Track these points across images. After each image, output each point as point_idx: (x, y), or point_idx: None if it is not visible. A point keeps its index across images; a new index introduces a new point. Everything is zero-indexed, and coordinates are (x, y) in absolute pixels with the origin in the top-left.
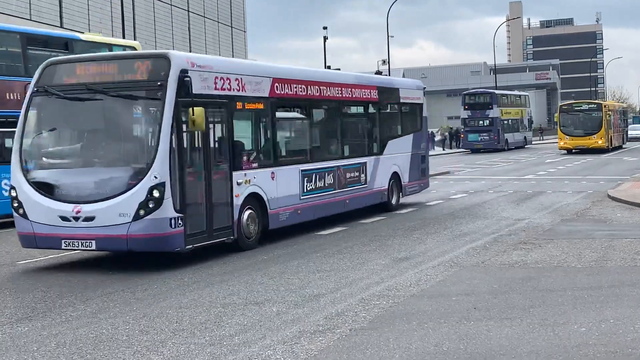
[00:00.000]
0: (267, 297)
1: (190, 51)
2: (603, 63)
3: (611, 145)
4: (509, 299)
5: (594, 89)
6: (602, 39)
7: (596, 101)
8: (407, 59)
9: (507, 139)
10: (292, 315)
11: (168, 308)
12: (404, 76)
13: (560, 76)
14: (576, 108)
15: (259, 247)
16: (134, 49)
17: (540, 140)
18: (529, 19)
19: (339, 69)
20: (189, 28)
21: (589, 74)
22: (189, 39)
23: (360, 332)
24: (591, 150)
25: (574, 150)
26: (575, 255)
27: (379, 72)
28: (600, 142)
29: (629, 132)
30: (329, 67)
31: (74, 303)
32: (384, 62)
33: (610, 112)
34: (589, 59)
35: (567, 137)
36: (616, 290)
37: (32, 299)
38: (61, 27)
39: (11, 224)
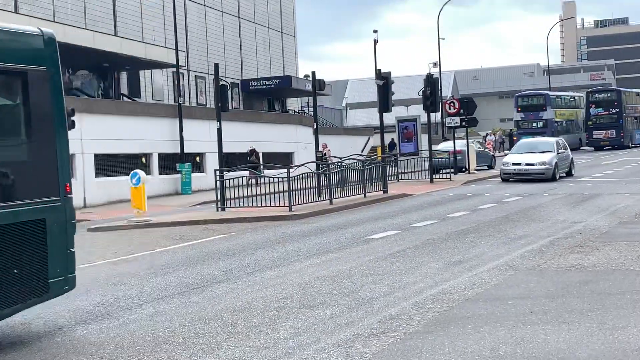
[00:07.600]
0: (320, 300)
1: (241, 57)
2: None
3: None
4: (566, 303)
5: None
6: None
7: None
8: (457, 61)
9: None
10: (346, 318)
11: (223, 311)
12: (455, 79)
13: (616, 77)
14: None
15: (313, 248)
16: None
17: None
18: (582, 19)
19: (389, 72)
20: (239, 34)
21: None
22: (240, 45)
23: (415, 336)
24: None
25: None
26: (634, 258)
27: (429, 75)
28: None
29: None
30: (379, 70)
31: (131, 306)
32: (434, 64)
33: None
34: None
35: None
36: None
37: (90, 303)
38: (115, 34)
39: None
